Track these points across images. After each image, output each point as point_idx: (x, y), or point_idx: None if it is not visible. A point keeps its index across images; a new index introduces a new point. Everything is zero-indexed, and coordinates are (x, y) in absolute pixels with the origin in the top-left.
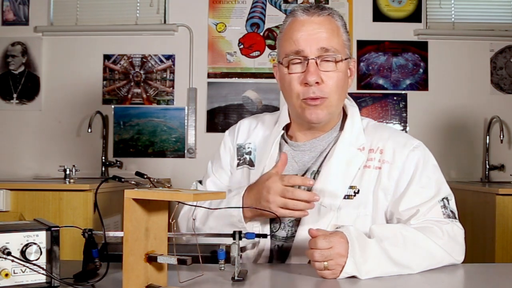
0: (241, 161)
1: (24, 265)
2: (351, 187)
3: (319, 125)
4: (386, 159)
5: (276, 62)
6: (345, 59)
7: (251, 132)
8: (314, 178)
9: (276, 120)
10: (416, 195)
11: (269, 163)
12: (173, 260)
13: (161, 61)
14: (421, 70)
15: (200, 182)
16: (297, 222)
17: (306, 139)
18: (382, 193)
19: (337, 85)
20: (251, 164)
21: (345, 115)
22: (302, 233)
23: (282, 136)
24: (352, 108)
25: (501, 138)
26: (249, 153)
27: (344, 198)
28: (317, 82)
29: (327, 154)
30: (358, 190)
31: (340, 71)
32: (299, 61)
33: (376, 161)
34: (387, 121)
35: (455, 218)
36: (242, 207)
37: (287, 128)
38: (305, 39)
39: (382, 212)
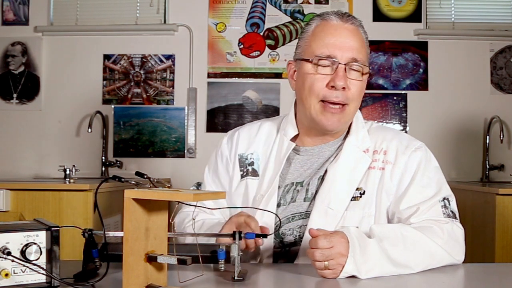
0: (244, 173)
1: (24, 265)
2: (357, 189)
3: (332, 132)
4: (389, 159)
5: (294, 59)
6: (368, 73)
7: (252, 140)
8: (321, 182)
9: (277, 127)
10: (417, 194)
11: (279, 175)
12: (173, 260)
13: (161, 61)
14: (421, 70)
15: (199, 184)
16: (304, 226)
17: (314, 144)
18: (385, 193)
19: (359, 94)
20: (254, 174)
21: None
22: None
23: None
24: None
25: (501, 138)
26: (252, 163)
27: (351, 199)
28: (343, 88)
29: (334, 158)
30: (364, 191)
31: (363, 82)
32: (328, 63)
33: (380, 162)
34: (387, 121)
35: (456, 218)
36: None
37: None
38: (338, 45)
39: (384, 212)
